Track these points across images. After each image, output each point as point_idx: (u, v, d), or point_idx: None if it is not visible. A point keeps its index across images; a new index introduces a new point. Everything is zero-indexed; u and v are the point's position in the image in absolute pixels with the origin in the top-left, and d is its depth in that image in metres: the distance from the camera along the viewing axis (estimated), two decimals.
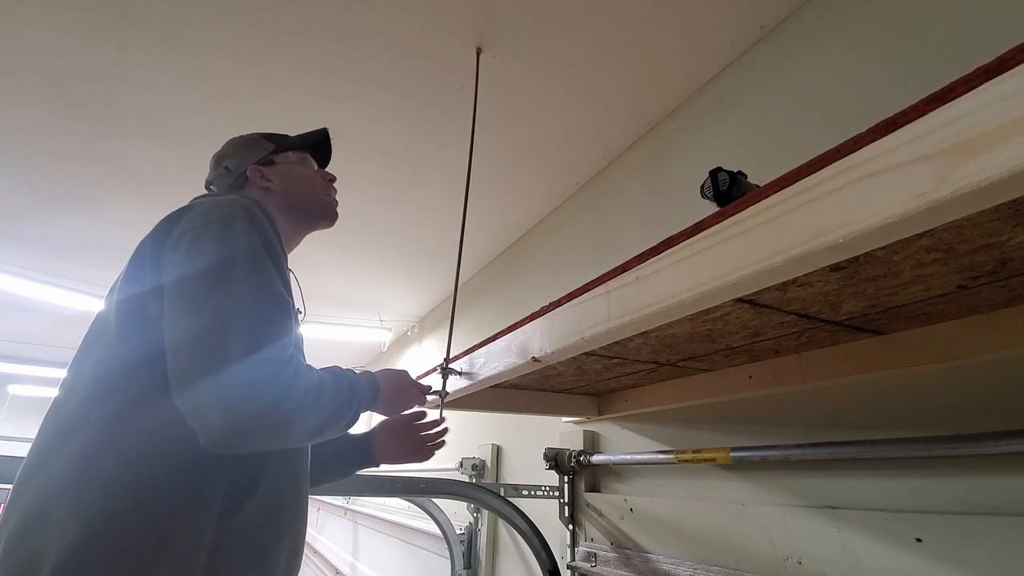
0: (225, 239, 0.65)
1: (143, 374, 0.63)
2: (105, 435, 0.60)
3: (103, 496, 0.57)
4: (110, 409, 0.62)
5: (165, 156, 1.71)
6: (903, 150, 0.34)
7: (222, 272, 0.63)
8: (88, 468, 0.58)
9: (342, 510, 3.61)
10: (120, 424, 0.61)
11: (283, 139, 0.93)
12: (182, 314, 0.62)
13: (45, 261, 2.50)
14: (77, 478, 0.58)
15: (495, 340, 0.89)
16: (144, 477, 0.59)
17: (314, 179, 0.93)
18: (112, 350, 0.66)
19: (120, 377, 0.64)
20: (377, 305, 3.14)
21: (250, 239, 0.67)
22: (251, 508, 0.64)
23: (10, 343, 4.02)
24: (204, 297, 0.62)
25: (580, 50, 1.25)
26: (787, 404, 0.92)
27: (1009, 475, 0.63)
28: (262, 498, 0.65)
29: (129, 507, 0.57)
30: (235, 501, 0.63)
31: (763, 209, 0.44)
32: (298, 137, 0.95)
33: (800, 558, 0.81)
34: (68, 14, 1.17)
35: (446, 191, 1.90)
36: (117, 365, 0.64)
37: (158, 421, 0.61)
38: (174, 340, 0.61)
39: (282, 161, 0.90)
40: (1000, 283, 0.55)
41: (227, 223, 0.67)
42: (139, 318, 0.66)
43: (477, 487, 1.37)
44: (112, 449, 0.59)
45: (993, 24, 0.77)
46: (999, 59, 0.30)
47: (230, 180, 0.87)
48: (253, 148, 0.89)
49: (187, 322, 0.61)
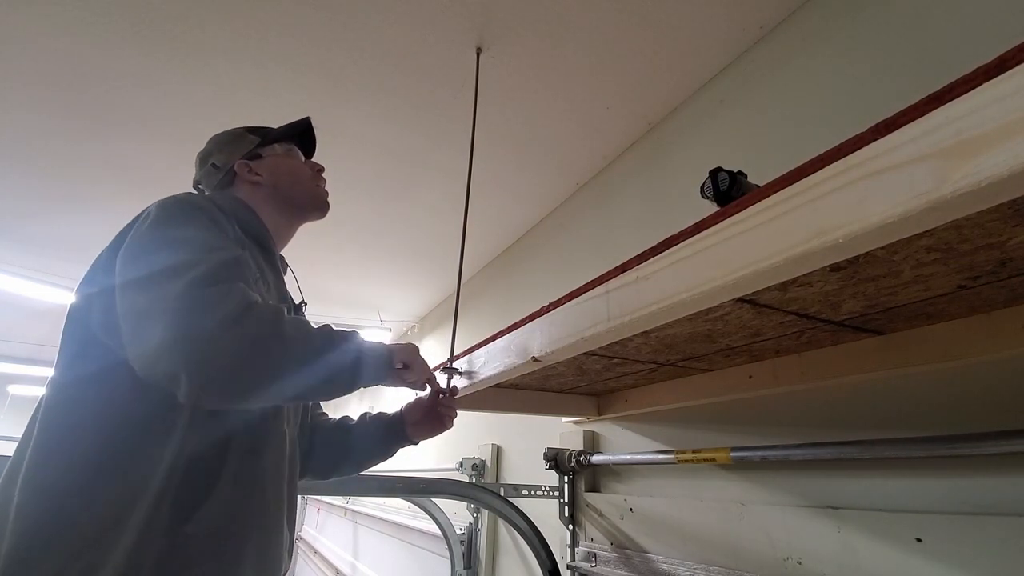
0: (162, 230, 0.66)
1: (96, 381, 0.64)
2: (50, 440, 0.61)
3: (46, 501, 0.57)
4: (64, 413, 0.63)
5: (165, 156, 1.71)
6: (903, 150, 0.34)
7: (158, 250, 0.63)
8: (35, 471, 0.59)
9: (342, 510, 3.61)
10: (69, 429, 0.62)
11: (267, 131, 0.92)
12: (125, 297, 0.62)
13: (45, 261, 2.50)
14: (27, 484, 0.59)
15: (495, 340, 0.89)
16: (88, 483, 0.59)
17: (302, 170, 0.92)
18: (70, 355, 0.66)
19: (76, 382, 0.65)
20: (377, 305, 3.14)
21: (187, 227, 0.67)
22: (203, 516, 0.62)
23: (10, 343, 4.02)
24: (144, 278, 0.62)
25: (580, 50, 1.25)
26: (787, 404, 0.92)
27: (1009, 475, 0.63)
28: (216, 506, 0.63)
29: (74, 509, 0.57)
30: (184, 509, 0.61)
31: (763, 209, 0.44)
32: (282, 128, 0.94)
33: (800, 558, 0.81)
34: (68, 15, 1.17)
35: (446, 191, 1.90)
36: (73, 372, 0.65)
37: (102, 428, 0.62)
38: (125, 320, 0.61)
39: (268, 154, 0.89)
40: (1000, 283, 0.55)
41: (165, 213, 0.68)
42: (89, 325, 0.66)
43: (477, 487, 1.37)
44: (57, 453, 0.60)
45: (993, 24, 0.77)
46: (999, 59, 0.30)
47: (218, 177, 0.87)
48: (238, 143, 0.89)
49: (130, 299, 0.61)
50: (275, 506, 0.73)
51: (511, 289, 2.21)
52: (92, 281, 0.68)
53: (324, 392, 0.68)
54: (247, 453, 0.69)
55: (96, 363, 0.64)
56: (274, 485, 0.73)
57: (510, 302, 2.17)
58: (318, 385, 0.65)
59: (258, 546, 0.68)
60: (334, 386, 0.68)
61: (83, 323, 0.67)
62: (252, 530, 0.67)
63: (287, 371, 0.62)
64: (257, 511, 0.69)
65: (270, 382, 0.61)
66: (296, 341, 0.63)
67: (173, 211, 0.69)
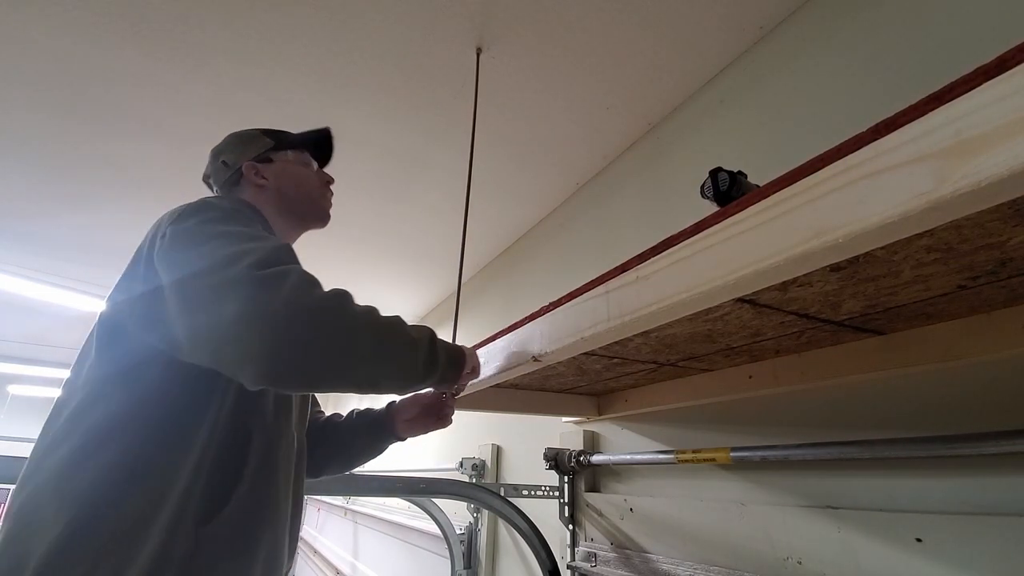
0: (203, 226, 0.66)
1: (123, 385, 0.64)
2: (85, 444, 0.61)
3: (80, 504, 0.58)
4: (94, 418, 0.63)
5: (165, 157, 1.71)
6: (903, 150, 0.34)
7: (206, 242, 0.62)
8: (69, 476, 0.59)
9: (342, 510, 3.61)
10: (100, 433, 0.62)
11: (283, 136, 0.92)
12: (183, 291, 0.61)
13: (45, 261, 2.50)
14: (59, 486, 0.59)
15: (495, 340, 0.89)
16: (121, 487, 0.60)
17: (310, 179, 0.92)
18: (100, 359, 0.66)
19: (104, 386, 0.65)
20: (377, 305, 3.14)
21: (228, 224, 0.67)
22: (226, 515, 0.64)
23: (10, 343, 4.02)
24: (199, 271, 0.60)
25: (580, 50, 1.25)
26: (787, 404, 0.92)
27: (1009, 475, 0.63)
28: (239, 504, 0.65)
29: (106, 513, 0.58)
30: (209, 509, 0.63)
31: (763, 209, 0.44)
32: (299, 135, 0.94)
33: (800, 558, 0.81)
34: (68, 15, 1.17)
35: (446, 191, 1.90)
36: (102, 375, 0.65)
37: (136, 432, 0.62)
38: (183, 314, 0.60)
39: (280, 159, 0.90)
40: (1000, 283, 0.55)
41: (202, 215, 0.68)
42: (121, 330, 0.66)
43: (477, 487, 1.37)
44: (90, 459, 0.60)
45: (993, 24, 0.77)
46: (999, 59, 0.30)
47: (227, 175, 0.87)
48: (251, 144, 0.89)
49: (189, 291, 0.60)
50: (283, 505, 0.74)
51: (511, 289, 2.21)
52: (126, 289, 0.68)
53: (394, 384, 0.67)
54: (264, 452, 0.70)
55: (132, 367, 0.64)
56: (284, 484, 0.75)
57: (510, 302, 2.17)
58: (390, 374, 0.65)
59: (269, 544, 0.70)
60: (404, 380, 0.68)
61: (120, 327, 0.67)
62: (266, 528, 0.69)
63: (359, 357, 0.61)
64: (271, 509, 0.71)
65: (340, 367, 0.60)
66: (368, 327, 0.63)
67: (207, 211, 0.69)
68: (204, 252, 0.61)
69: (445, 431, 1.01)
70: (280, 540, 0.73)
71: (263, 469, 0.70)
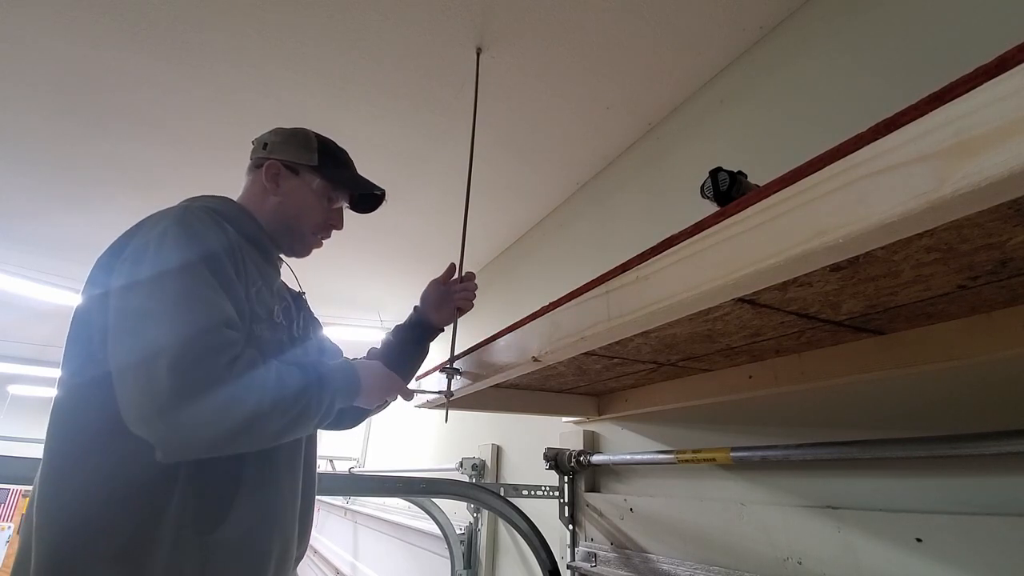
0: (158, 257, 0.64)
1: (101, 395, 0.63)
2: (74, 454, 0.61)
3: (73, 514, 0.58)
4: (80, 424, 0.63)
5: (165, 157, 1.71)
6: (903, 150, 0.34)
7: (151, 293, 0.62)
8: (61, 485, 0.60)
9: (342, 510, 3.61)
10: (86, 443, 0.62)
11: (331, 161, 0.89)
12: (116, 342, 0.61)
13: (45, 261, 2.50)
14: (55, 494, 0.59)
15: (495, 340, 0.89)
16: (113, 493, 0.60)
17: (314, 214, 0.88)
18: (74, 365, 0.66)
19: (84, 394, 0.64)
20: (377, 305, 3.14)
21: (183, 253, 0.64)
22: (231, 522, 0.64)
23: (10, 343, 4.02)
24: (133, 325, 0.61)
25: (580, 50, 1.25)
26: (787, 404, 0.92)
27: (1009, 475, 0.63)
28: (242, 510, 0.65)
29: (101, 521, 0.58)
30: (210, 518, 0.63)
31: (763, 209, 0.44)
32: (349, 177, 0.92)
33: (800, 558, 0.81)
34: (68, 16, 1.17)
35: (446, 191, 1.89)
36: (82, 382, 0.65)
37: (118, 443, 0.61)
38: (115, 369, 0.61)
39: (306, 178, 0.86)
40: (1000, 283, 0.55)
41: (161, 241, 0.65)
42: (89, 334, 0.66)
43: (477, 487, 1.37)
44: (79, 467, 0.61)
45: (993, 24, 0.77)
46: (999, 59, 0.30)
47: (256, 157, 0.87)
48: (292, 148, 0.86)
49: (121, 351, 0.61)
50: (289, 496, 0.75)
51: (511, 289, 2.21)
52: (95, 282, 0.68)
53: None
54: (263, 457, 0.70)
55: (100, 371, 0.63)
56: (288, 473, 0.75)
57: (510, 302, 2.17)
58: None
59: (280, 539, 0.70)
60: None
61: (87, 327, 0.66)
62: (274, 526, 0.70)
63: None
64: (276, 505, 0.71)
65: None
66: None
67: (178, 233, 0.66)
68: (148, 291, 0.62)
69: (445, 431, 1.01)
70: (289, 531, 0.73)
71: (263, 468, 0.70)
